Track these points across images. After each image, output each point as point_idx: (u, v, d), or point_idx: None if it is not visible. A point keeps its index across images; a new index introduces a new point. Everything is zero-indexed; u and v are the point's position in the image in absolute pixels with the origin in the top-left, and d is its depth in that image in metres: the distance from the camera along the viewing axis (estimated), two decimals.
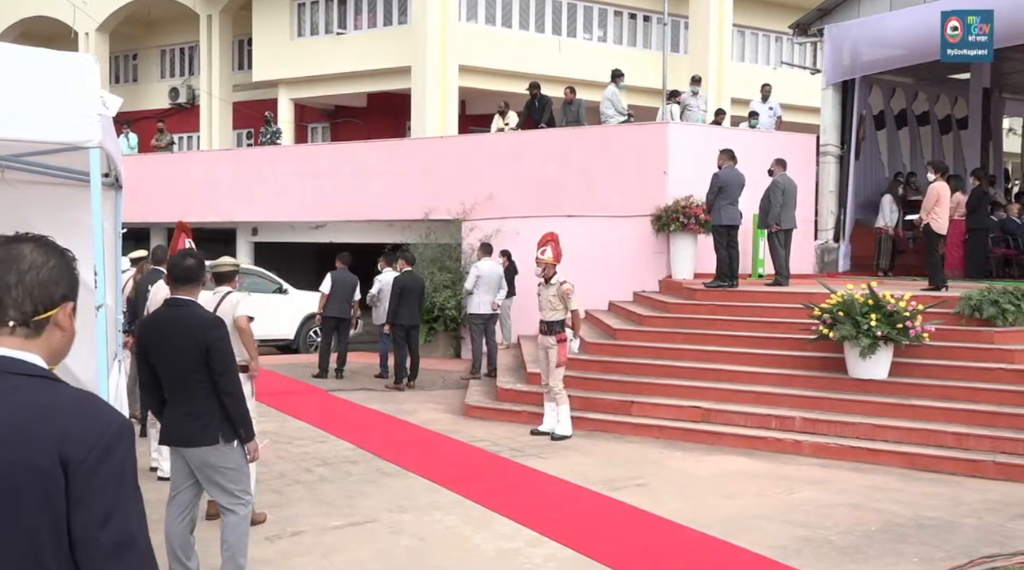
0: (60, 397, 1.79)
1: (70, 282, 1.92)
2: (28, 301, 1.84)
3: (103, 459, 1.73)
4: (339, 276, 13.56)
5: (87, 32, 27.64)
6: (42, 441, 1.71)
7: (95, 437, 1.73)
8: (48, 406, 1.76)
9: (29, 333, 1.85)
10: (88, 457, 1.71)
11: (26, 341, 1.85)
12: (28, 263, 1.85)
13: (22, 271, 1.84)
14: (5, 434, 1.71)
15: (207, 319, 5.07)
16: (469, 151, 16.65)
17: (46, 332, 1.88)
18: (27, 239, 1.90)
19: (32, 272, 1.85)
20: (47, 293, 1.86)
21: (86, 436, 1.72)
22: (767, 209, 12.39)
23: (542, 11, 24.17)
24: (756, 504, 7.33)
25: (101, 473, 1.73)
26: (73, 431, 1.72)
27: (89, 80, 3.52)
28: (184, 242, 7.34)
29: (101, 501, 1.73)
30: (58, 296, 1.88)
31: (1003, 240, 15.31)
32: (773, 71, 25.27)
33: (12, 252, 1.86)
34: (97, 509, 1.72)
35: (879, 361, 9.49)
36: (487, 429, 10.14)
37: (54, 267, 1.88)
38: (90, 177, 3.48)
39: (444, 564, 5.97)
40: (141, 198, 16.28)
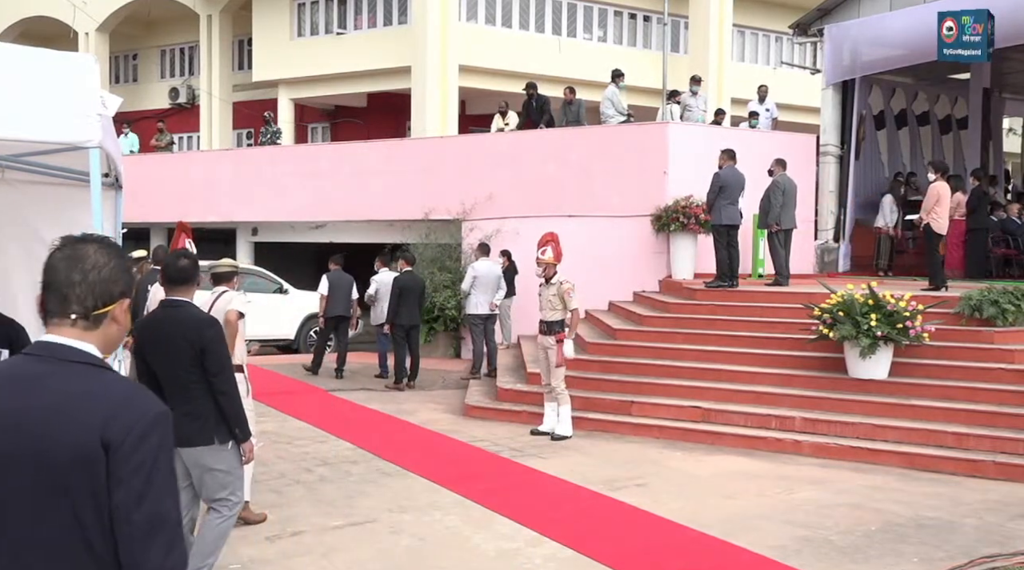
0: (107, 385, 1.97)
1: (127, 281, 2.12)
2: (90, 297, 2.03)
3: (139, 444, 1.90)
4: (334, 277, 13.65)
5: (87, 32, 27.64)
6: (87, 424, 1.89)
7: (132, 423, 1.90)
8: (95, 392, 1.94)
9: (88, 325, 2.04)
10: (125, 441, 1.88)
11: (84, 332, 2.03)
12: (91, 263, 2.05)
13: (86, 270, 2.04)
14: (58, 417, 1.90)
15: (202, 319, 5.07)
16: (469, 151, 16.65)
17: (103, 325, 2.06)
18: (91, 240, 2.11)
19: (95, 271, 2.05)
20: (107, 290, 2.05)
21: (125, 422, 1.90)
22: (767, 209, 12.40)
23: (542, 11, 24.17)
24: (756, 504, 7.33)
25: (137, 456, 1.89)
26: (114, 417, 1.90)
27: (89, 80, 3.53)
28: (184, 242, 7.35)
29: (136, 482, 1.89)
30: (116, 293, 2.07)
31: (1003, 240, 15.31)
32: (773, 71, 25.28)
33: (78, 252, 2.06)
34: (133, 489, 1.89)
35: (879, 361, 9.49)
36: (487, 429, 10.14)
37: (114, 267, 2.08)
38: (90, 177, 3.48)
39: (444, 564, 5.97)
40: (141, 198, 16.27)
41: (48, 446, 1.89)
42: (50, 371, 1.97)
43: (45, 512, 1.90)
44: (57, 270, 2.05)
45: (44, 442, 1.90)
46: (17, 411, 1.92)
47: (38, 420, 1.91)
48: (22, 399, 1.93)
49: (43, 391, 1.94)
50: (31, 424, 1.90)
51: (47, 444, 1.89)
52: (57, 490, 1.89)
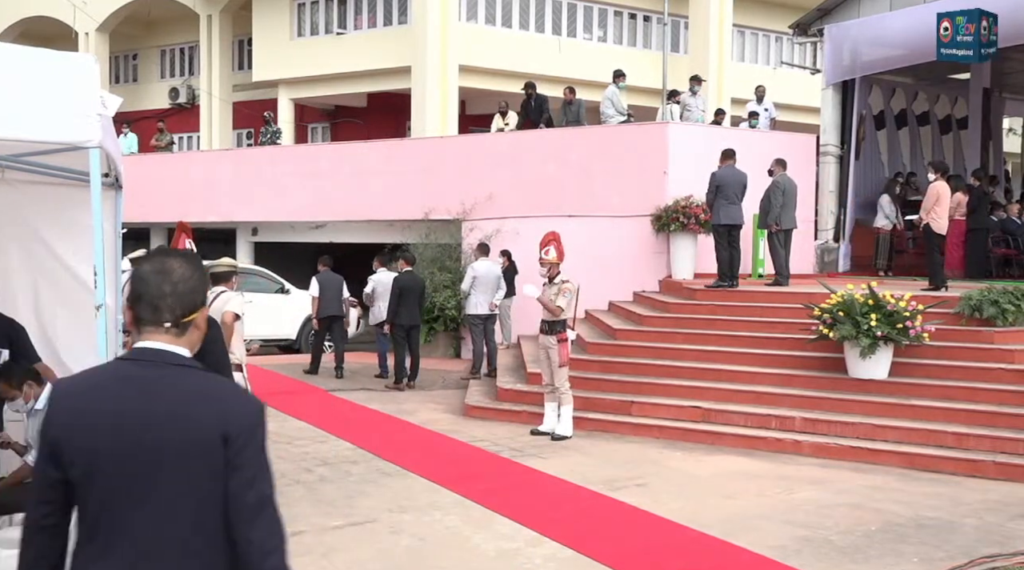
0: (212, 384, 2.30)
1: (205, 290, 2.41)
2: (179, 307, 2.30)
3: (250, 437, 2.23)
4: (324, 277, 13.75)
5: (87, 32, 27.64)
6: (208, 420, 2.20)
7: (245, 419, 2.23)
8: (206, 391, 2.26)
9: (178, 332, 2.30)
10: (242, 434, 2.21)
11: (176, 338, 2.30)
12: (178, 276, 2.31)
13: (174, 282, 2.30)
14: (182, 414, 2.20)
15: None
16: (469, 151, 16.65)
17: (189, 331, 2.33)
18: (175, 254, 2.39)
19: (181, 283, 2.30)
20: (192, 300, 2.32)
21: (240, 418, 2.22)
22: (767, 209, 12.39)
23: (542, 11, 24.17)
24: (756, 504, 7.33)
25: (251, 446, 2.22)
26: (231, 413, 2.23)
27: (89, 80, 3.52)
28: (184, 242, 7.35)
29: (249, 468, 2.21)
30: (199, 302, 2.35)
31: (1003, 240, 15.31)
32: (773, 71, 25.29)
33: (165, 265, 2.32)
34: (246, 474, 2.20)
35: (879, 361, 9.49)
36: (487, 429, 10.14)
37: (196, 279, 2.35)
38: (90, 177, 3.48)
39: (444, 564, 5.97)
40: (141, 198, 16.26)
41: (174, 439, 2.18)
42: (160, 374, 2.25)
43: (172, 496, 2.19)
44: (148, 283, 2.30)
45: (170, 436, 2.18)
46: (141, 410, 2.20)
47: (163, 416, 2.19)
48: (143, 399, 2.21)
49: (161, 391, 2.22)
50: (156, 420, 2.19)
51: (173, 437, 2.18)
52: (181, 476, 2.19)
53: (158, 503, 2.19)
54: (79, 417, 2.22)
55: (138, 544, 2.19)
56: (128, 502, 2.19)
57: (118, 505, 2.20)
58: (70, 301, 6.07)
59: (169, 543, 2.19)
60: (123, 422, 2.19)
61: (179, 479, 2.19)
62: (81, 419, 2.21)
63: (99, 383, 2.29)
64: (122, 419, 2.20)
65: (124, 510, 2.20)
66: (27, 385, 5.43)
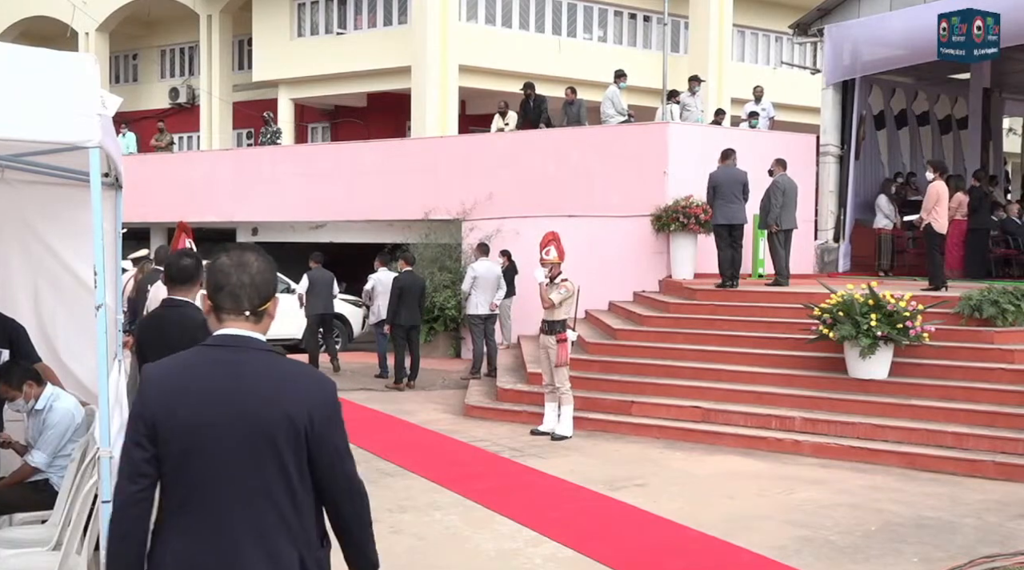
0: (292, 367, 2.56)
1: (276, 282, 2.64)
2: (256, 297, 2.54)
3: (335, 413, 2.52)
4: (315, 275, 13.79)
5: (87, 32, 27.63)
6: (294, 400, 2.45)
7: (330, 397, 2.52)
8: (288, 373, 2.52)
9: (255, 320, 2.54)
10: (327, 411, 2.49)
11: (254, 325, 2.54)
12: (255, 269, 2.55)
13: (252, 274, 2.54)
14: (268, 394, 2.45)
15: (200, 321, 4.99)
16: (469, 151, 16.65)
17: (263, 318, 2.57)
18: (250, 249, 2.62)
19: (258, 275, 2.55)
20: (267, 290, 2.56)
21: (325, 397, 2.51)
22: (767, 209, 12.39)
23: (542, 11, 24.17)
24: (756, 504, 7.33)
25: (336, 421, 2.51)
26: (315, 392, 2.50)
27: (89, 80, 3.52)
28: (184, 242, 7.36)
29: (338, 441, 2.52)
30: (272, 292, 2.59)
31: (1003, 240, 15.31)
32: (773, 71, 25.29)
33: (244, 260, 2.55)
34: (338, 447, 2.51)
35: (879, 361, 9.49)
36: (487, 429, 10.14)
37: (270, 271, 2.59)
38: (90, 177, 3.47)
39: (444, 564, 5.97)
40: (141, 198, 16.26)
41: (265, 417, 2.43)
42: (245, 358, 2.49)
43: (261, 465, 2.43)
44: (229, 275, 2.53)
45: (262, 414, 2.43)
46: (233, 391, 2.44)
47: (250, 395, 2.44)
48: (235, 381, 2.45)
49: (249, 374, 2.47)
50: (245, 398, 2.43)
51: (264, 416, 2.43)
52: (269, 448, 2.43)
53: (252, 476, 2.43)
54: (177, 398, 2.45)
55: (232, 514, 2.42)
56: (224, 476, 2.43)
57: (212, 479, 2.43)
58: (70, 301, 6.07)
59: (262, 513, 2.44)
60: (218, 402, 2.44)
61: (270, 454, 2.43)
62: (179, 400, 2.45)
63: (192, 367, 2.52)
64: (217, 399, 2.44)
65: (219, 483, 2.43)
66: (27, 385, 5.43)
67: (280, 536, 2.46)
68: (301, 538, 2.51)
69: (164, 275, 5.29)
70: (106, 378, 3.62)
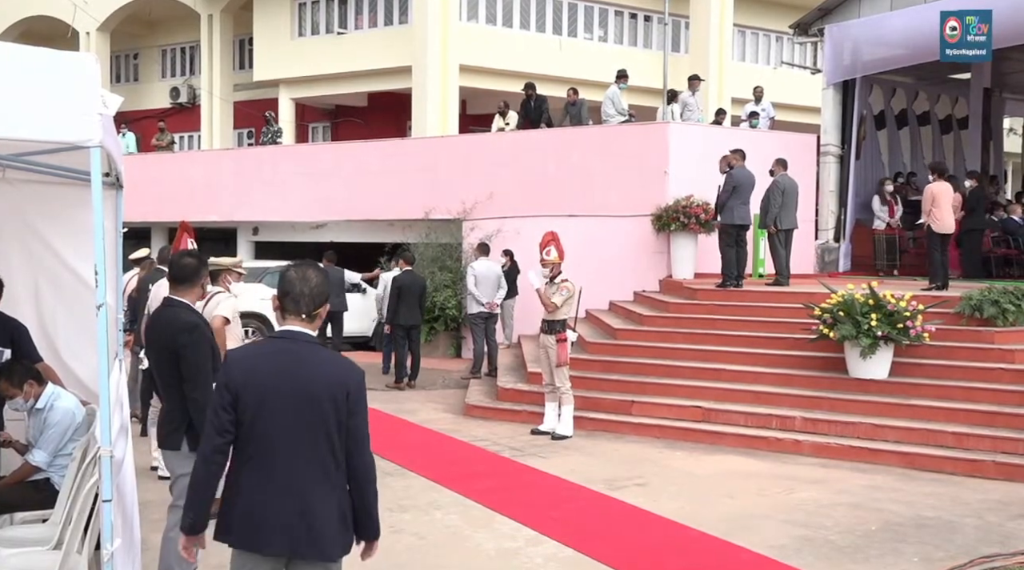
0: (334, 355, 3.55)
1: (327, 290, 3.46)
2: (312, 304, 3.40)
3: (361, 390, 3.40)
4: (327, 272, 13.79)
5: (88, 31, 27.63)
6: (337, 379, 3.36)
7: (360, 377, 3.41)
8: (331, 360, 3.46)
9: (309, 320, 3.41)
10: (356, 388, 3.37)
11: (308, 323, 3.41)
12: (314, 283, 3.42)
13: (312, 287, 3.40)
14: (319, 374, 3.34)
15: (182, 323, 4.97)
16: (469, 151, 16.65)
17: (315, 319, 3.42)
18: (309, 264, 3.53)
19: (316, 288, 3.41)
20: (321, 300, 3.43)
21: (355, 377, 3.40)
22: (767, 209, 12.40)
23: (542, 11, 24.16)
24: (756, 504, 7.34)
25: (361, 397, 3.39)
26: (350, 373, 3.40)
27: (90, 79, 3.52)
28: (187, 242, 7.36)
29: (363, 412, 3.39)
30: (324, 301, 3.44)
31: (1003, 240, 15.30)
32: (773, 71, 25.27)
33: (306, 274, 3.43)
34: (362, 418, 3.39)
35: (879, 361, 9.49)
36: (487, 428, 10.15)
37: (323, 284, 3.45)
38: (91, 176, 3.48)
39: (444, 563, 5.97)
40: (142, 198, 16.27)
41: (314, 392, 3.30)
42: (301, 348, 3.38)
43: (313, 432, 3.31)
44: (293, 284, 3.39)
45: (312, 388, 3.30)
46: (293, 370, 3.32)
47: (306, 376, 3.32)
48: (294, 363, 3.34)
49: (304, 358, 3.36)
50: (301, 378, 3.32)
51: (314, 389, 3.30)
52: (318, 416, 3.30)
53: (303, 434, 3.30)
54: (252, 375, 3.33)
55: (288, 464, 3.30)
56: (283, 434, 3.29)
57: (275, 436, 3.30)
58: (71, 300, 6.08)
59: (309, 463, 3.31)
60: (280, 378, 3.31)
61: (316, 418, 3.30)
62: (254, 376, 3.32)
63: (264, 352, 3.46)
64: (279, 376, 3.31)
65: (279, 440, 3.30)
66: (28, 384, 5.43)
67: (324, 483, 3.33)
68: (339, 486, 3.37)
69: (167, 274, 5.31)
70: (107, 377, 3.63)
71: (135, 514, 4.50)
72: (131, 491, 4.39)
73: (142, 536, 5.03)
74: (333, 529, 3.35)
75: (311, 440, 3.29)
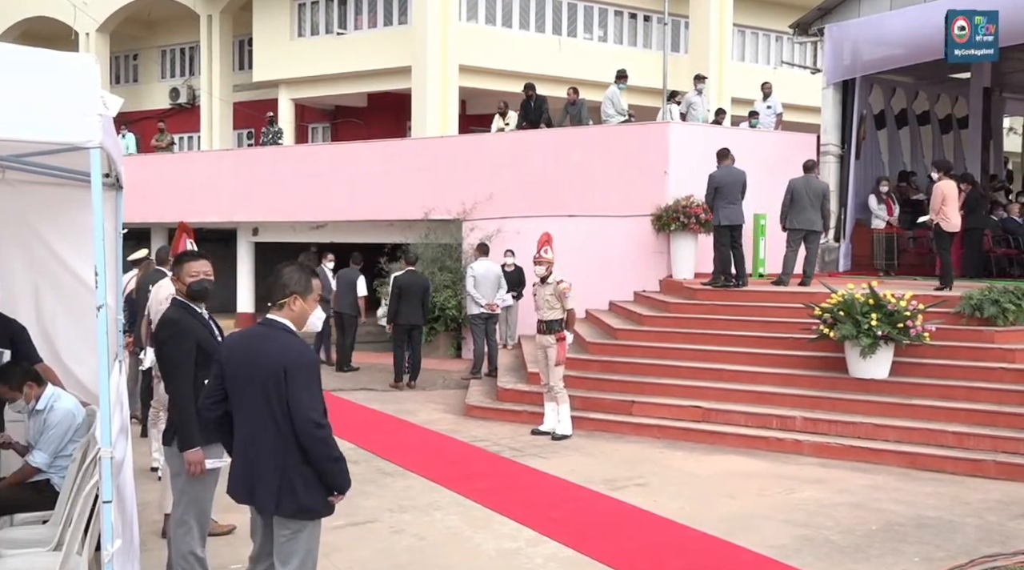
0: (288, 340, 3.94)
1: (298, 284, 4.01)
2: (279, 294, 3.98)
3: (300, 369, 3.85)
4: (341, 273, 14.22)
5: (87, 32, 27.62)
6: (276, 358, 3.86)
7: (296, 358, 3.86)
8: (279, 342, 3.92)
9: (279, 309, 4.00)
10: (293, 367, 3.84)
11: (280, 312, 3.99)
12: (279, 276, 4.02)
13: (280, 279, 4.00)
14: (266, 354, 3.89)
15: (163, 321, 5.06)
16: (469, 151, 16.65)
17: (286, 309, 3.99)
18: (289, 265, 4.09)
19: (274, 281, 4.00)
20: (280, 291, 3.98)
21: (293, 357, 3.86)
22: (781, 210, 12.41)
23: (542, 11, 24.15)
24: (757, 503, 7.34)
25: (299, 375, 3.84)
26: (287, 354, 3.87)
27: (90, 80, 3.52)
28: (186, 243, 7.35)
29: (300, 388, 3.83)
30: (288, 292, 3.98)
31: (1004, 240, 15.29)
32: (773, 71, 25.26)
33: (278, 271, 4.03)
34: (300, 390, 3.82)
35: (879, 361, 9.49)
36: (488, 429, 10.15)
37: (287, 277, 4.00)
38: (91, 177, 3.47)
39: (445, 563, 5.97)
40: (142, 198, 16.27)
41: (260, 367, 3.87)
42: (268, 332, 3.97)
43: (262, 404, 3.87)
44: (268, 280, 4.07)
45: (259, 364, 3.88)
46: (253, 350, 3.94)
47: (256, 355, 3.91)
48: (255, 344, 3.96)
49: (262, 340, 3.96)
50: (254, 356, 3.91)
51: (260, 366, 3.87)
52: (261, 389, 3.87)
53: (256, 402, 3.90)
54: (231, 352, 4.03)
55: (250, 422, 3.94)
56: (247, 405, 3.94)
57: (242, 406, 3.97)
58: (71, 301, 6.08)
59: (258, 425, 3.91)
60: (245, 355, 3.95)
61: (260, 389, 3.87)
62: (232, 353, 4.02)
63: (245, 335, 4.09)
64: (245, 353, 3.95)
65: (242, 405, 3.97)
66: (28, 386, 5.43)
67: (269, 443, 3.89)
68: (284, 448, 3.87)
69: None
70: (107, 378, 3.63)
71: (134, 515, 4.51)
72: (130, 492, 4.39)
73: (141, 537, 5.03)
74: (270, 484, 3.89)
75: (260, 407, 3.87)
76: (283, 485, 3.87)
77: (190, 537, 4.84)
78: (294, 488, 3.86)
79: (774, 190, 12.59)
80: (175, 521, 4.92)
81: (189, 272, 5.01)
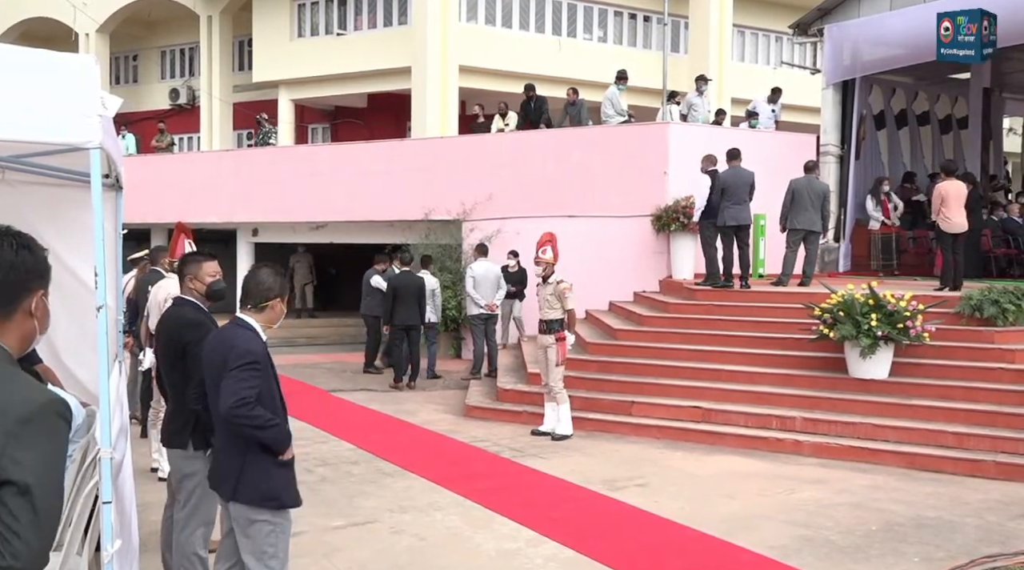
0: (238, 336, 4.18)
1: (276, 287, 4.26)
2: (258, 297, 4.22)
3: (236, 359, 4.13)
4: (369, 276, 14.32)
5: (87, 33, 27.61)
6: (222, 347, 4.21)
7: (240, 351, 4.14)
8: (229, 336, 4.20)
9: (254, 311, 4.25)
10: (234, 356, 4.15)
11: (253, 313, 4.26)
12: (261, 277, 4.25)
13: (258, 281, 4.24)
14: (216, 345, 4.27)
15: (187, 321, 4.98)
16: (469, 151, 16.65)
17: (265, 311, 4.26)
18: (265, 266, 4.37)
19: (261, 283, 4.24)
20: (264, 293, 4.24)
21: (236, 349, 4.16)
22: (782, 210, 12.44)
23: (542, 11, 24.15)
24: (756, 504, 7.34)
25: (234, 364, 4.12)
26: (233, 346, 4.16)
27: (89, 81, 3.52)
28: (183, 243, 7.35)
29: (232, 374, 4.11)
30: (272, 295, 4.25)
31: (1003, 240, 15.29)
32: (773, 71, 25.25)
33: (255, 271, 4.31)
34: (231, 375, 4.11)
35: (879, 361, 9.49)
36: (487, 429, 10.15)
37: (267, 279, 4.24)
38: (90, 178, 3.47)
39: (445, 564, 5.97)
40: (142, 199, 16.26)
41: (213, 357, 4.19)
42: (231, 331, 4.21)
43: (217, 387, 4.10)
44: (247, 281, 4.27)
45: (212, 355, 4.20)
46: (212, 347, 4.25)
47: (212, 352, 4.22)
48: (216, 343, 4.24)
49: (221, 340, 4.22)
50: (211, 355, 4.22)
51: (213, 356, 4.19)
52: (213, 378, 4.16)
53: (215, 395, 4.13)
54: (206, 350, 4.32)
55: (216, 414, 4.19)
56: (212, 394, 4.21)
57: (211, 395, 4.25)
58: (71, 302, 6.07)
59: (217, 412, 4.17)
60: (207, 353, 4.28)
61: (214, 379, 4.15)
62: (206, 352, 4.32)
63: (216, 333, 4.40)
64: (207, 352, 4.29)
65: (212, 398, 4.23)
66: None
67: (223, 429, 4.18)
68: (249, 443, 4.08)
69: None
70: (107, 379, 3.62)
71: (134, 516, 4.51)
72: (130, 493, 4.39)
73: (141, 537, 5.03)
74: (224, 469, 4.19)
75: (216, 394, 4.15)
76: (242, 473, 4.08)
77: (195, 538, 4.84)
78: (252, 475, 4.06)
79: (774, 190, 12.61)
80: (180, 521, 4.92)
81: (208, 272, 5.04)
